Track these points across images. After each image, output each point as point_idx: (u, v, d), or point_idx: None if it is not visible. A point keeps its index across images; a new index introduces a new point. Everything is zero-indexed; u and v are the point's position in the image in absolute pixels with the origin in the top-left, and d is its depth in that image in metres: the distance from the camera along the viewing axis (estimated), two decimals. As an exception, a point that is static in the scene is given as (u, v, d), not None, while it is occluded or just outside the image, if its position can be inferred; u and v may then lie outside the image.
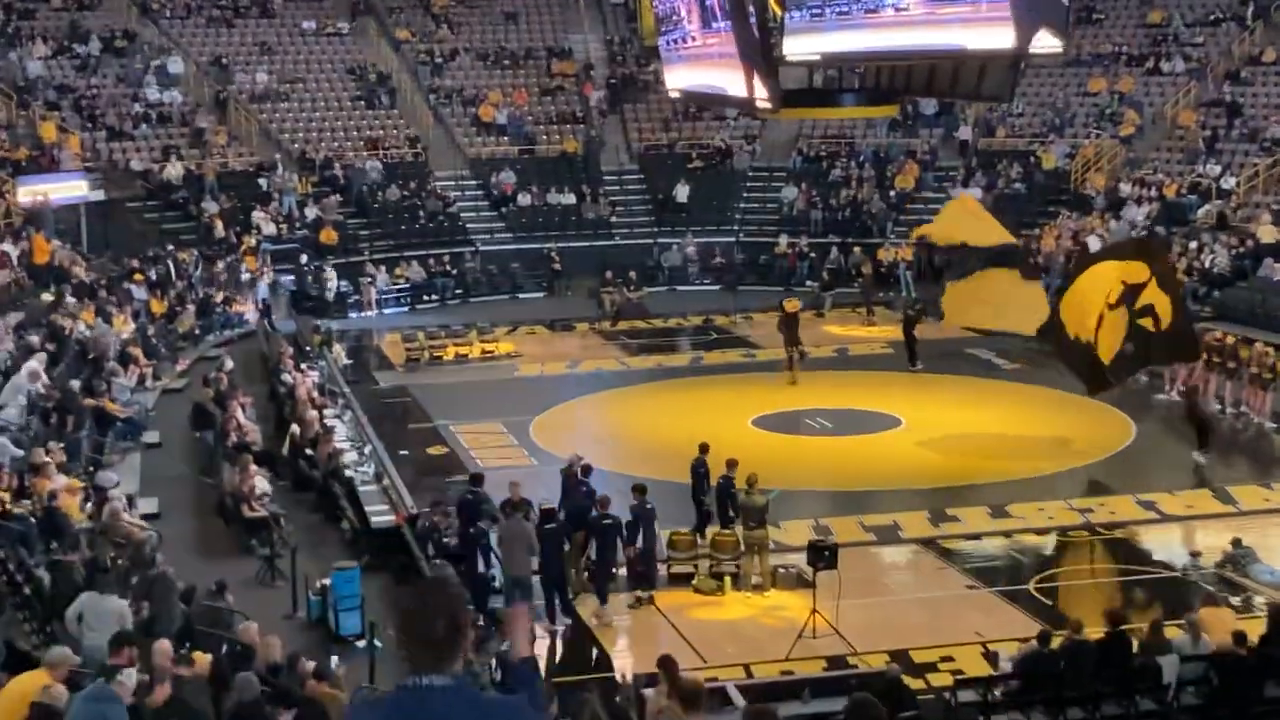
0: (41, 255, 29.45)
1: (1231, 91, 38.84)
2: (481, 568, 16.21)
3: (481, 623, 15.01)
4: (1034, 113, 41.23)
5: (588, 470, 18.39)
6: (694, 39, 21.96)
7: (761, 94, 19.95)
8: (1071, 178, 38.38)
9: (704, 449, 18.81)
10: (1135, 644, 13.67)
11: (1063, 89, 41.37)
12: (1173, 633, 14.30)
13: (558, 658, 15.63)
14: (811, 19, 19.04)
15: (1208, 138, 37.43)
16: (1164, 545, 18.94)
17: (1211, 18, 41.82)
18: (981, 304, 24.04)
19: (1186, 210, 34.87)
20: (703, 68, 22.12)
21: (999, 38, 18.57)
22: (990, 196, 38.73)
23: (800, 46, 19.12)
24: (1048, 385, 27.26)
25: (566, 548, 16.83)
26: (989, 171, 39.58)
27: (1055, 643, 13.59)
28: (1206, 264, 31.43)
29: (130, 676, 10.27)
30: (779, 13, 19.30)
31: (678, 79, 24.07)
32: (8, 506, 15.29)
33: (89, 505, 17.13)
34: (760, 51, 19.31)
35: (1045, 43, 19.33)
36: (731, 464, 18.03)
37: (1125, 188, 37.01)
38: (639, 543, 16.86)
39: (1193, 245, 32.52)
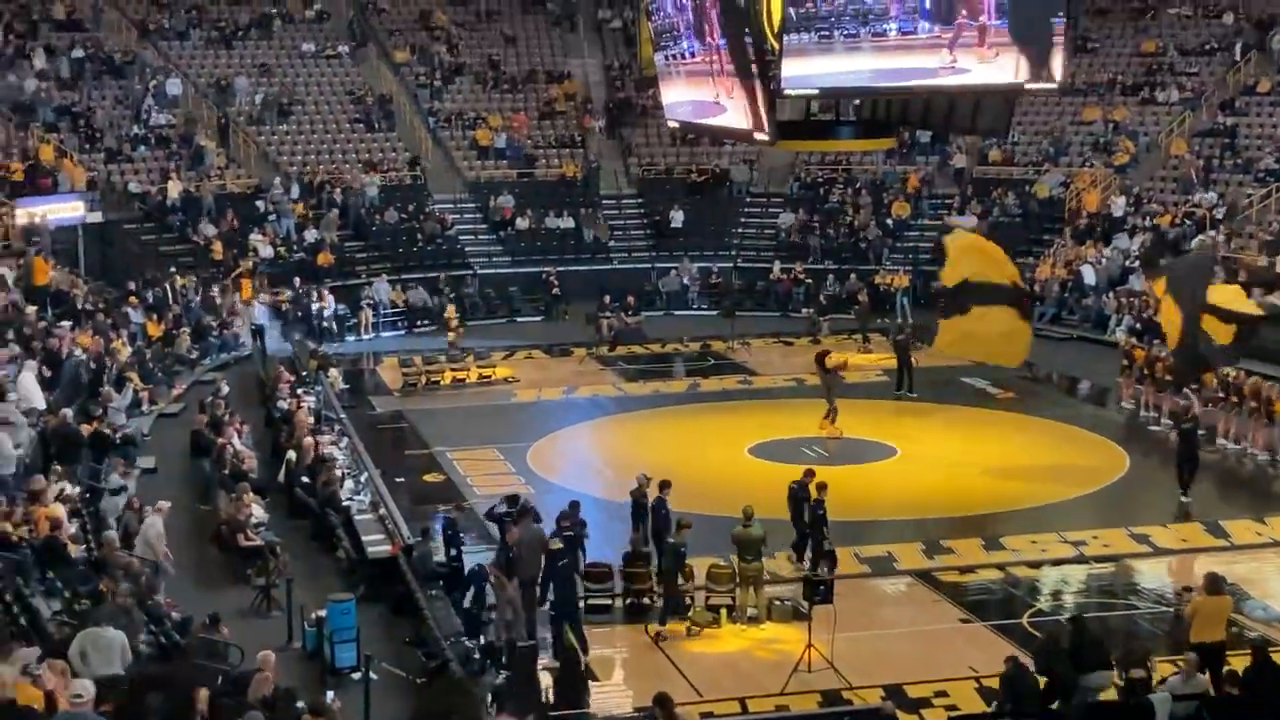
0: (41, 277, 29.47)
1: (1226, 121, 39.03)
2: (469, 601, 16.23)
3: (477, 655, 15.09)
4: (1029, 141, 41.39)
5: (665, 486, 18.54)
6: (693, 55, 22.00)
7: (759, 124, 20.04)
8: (1066, 206, 38.53)
9: (809, 474, 19.06)
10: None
11: (1058, 117, 41.56)
12: (1167, 669, 14.38)
13: (552, 692, 15.63)
14: (820, 40, 19.08)
15: (1202, 168, 37.59)
16: (1157, 579, 19.00)
17: (1206, 47, 42.05)
18: (974, 340, 24.51)
19: (1181, 241, 34.99)
20: (700, 85, 22.15)
21: (1001, 66, 18.74)
22: (985, 224, 38.92)
23: (804, 70, 19.09)
24: (1041, 415, 27.40)
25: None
26: (984, 199, 39.73)
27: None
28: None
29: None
30: (776, 46, 19.36)
31: (675, 96, 24.07)
32: (11, 536, 15.28)
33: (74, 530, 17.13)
34: (759, 83, 19.40)
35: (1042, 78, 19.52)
36: (822, 487, 18.60)
37: (1119, 200, 37.13)
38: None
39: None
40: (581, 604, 16.88)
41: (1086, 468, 23.89)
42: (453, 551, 17.85)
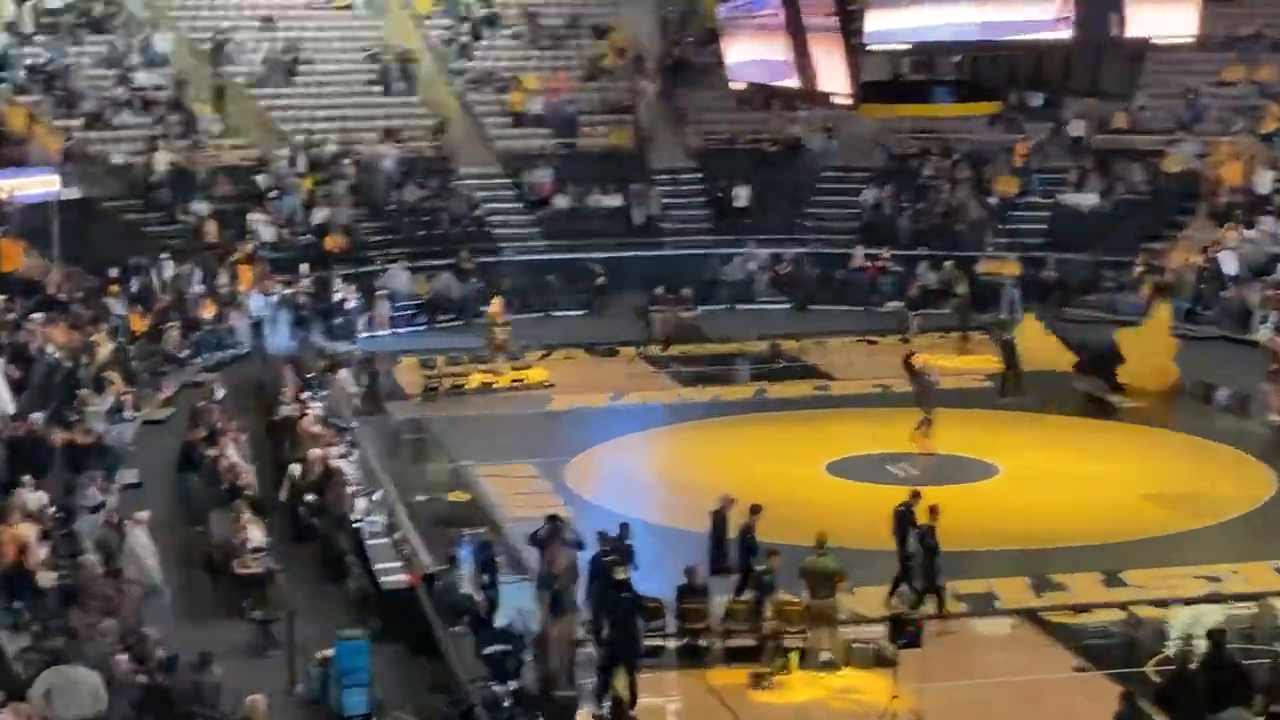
0: (10, 262, 29.78)
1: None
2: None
3: (508, 702, 15.21)
4: (1159, 106, 40.99)
5: (755, 511, 18.81)
6: (761, 6, 21.95)
7: (836, 85, 19.96)
8: (1202, 182, 38.15)
9: (915, 495, 19.22)
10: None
11: (1193, 78, 41.13)
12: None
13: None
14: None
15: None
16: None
17: (1371, -6, 41.58)
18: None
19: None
20: (770, 41, 22.08)
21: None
22: (1109, 203, 38.68)
23: (893, 24, 18.99)
24: (1171, 427, 27.22)
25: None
26: (1105, 174, 39.44)
27: None
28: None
29: None
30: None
31: (740, 53, 24.04)
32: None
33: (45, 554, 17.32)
34: (840, 38, 19.33)
35: (1176, 29, 19.38)
36: (933, 511, 18.72)
37: (1265, 174, 36.70)
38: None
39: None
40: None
41: (1225, 490, 23.72)
42: (486, 578, 17.95)
